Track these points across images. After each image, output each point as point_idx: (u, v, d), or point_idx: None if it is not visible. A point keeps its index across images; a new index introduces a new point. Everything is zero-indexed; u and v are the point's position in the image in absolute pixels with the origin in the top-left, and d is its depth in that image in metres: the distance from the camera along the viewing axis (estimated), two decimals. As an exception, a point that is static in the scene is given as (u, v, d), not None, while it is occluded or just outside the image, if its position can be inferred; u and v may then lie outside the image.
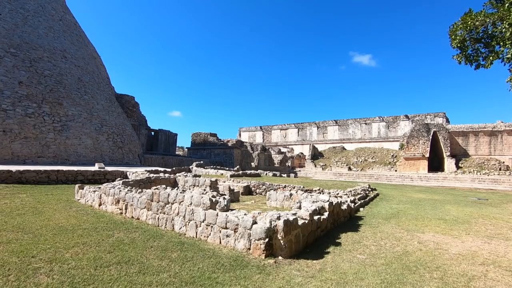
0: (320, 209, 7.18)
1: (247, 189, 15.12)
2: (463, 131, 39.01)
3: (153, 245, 5.46)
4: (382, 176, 38.12)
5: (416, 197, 17.17)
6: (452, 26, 6.44)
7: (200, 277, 4.12)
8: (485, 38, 6.10)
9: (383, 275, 4.59)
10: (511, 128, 36.55)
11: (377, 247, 6.16)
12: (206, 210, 6.11)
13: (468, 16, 6.12)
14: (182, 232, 6.45)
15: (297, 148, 61.44)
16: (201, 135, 46.60)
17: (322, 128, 61.71)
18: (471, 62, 6.26)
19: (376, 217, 9.74)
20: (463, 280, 4.54)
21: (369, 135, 55.95)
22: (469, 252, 6.09)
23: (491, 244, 6.82)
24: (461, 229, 8.34)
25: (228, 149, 42.90)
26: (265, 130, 69.50)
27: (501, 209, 13.37)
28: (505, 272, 4.96)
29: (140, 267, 4.37)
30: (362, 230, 7.71)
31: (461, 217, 10.40)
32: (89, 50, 29.57)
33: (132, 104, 35.21)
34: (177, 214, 6.67)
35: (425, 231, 7.91)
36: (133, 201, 7.83)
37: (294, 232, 5.48)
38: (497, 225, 9.21)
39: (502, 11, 5.52)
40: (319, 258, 5.29)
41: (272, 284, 4.05)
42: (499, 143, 37.06)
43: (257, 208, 9.97)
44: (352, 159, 46.71)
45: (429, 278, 4.54)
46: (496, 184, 30.15)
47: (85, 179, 15.16)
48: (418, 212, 11.19)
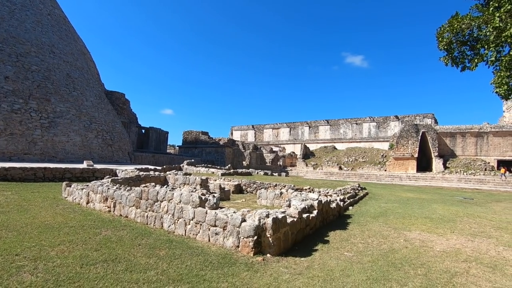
0: (309, 207, 7.25)
1: (238, 187, 15.12)
2: (450, 132, 39.83)
3: (141, 243, 5.43)
4: (372, 175, 38.64)
5: (404, 196, 17.47)
6: (439, 29, 6.57)
7: (188, 275, 4.11)
8: (471, 41, 6.25)
9: (369, 272, 4.67)
10: (496, 130, 37.50)
11: (365, 245, 6.26)
12: (195, 208, 6.10)
13: (454, 19, 6.25)
14: (171, 230, 6.42)
15: (288, 147, 61.68)
16: (193, 134, 46.32)
17: (313, 127, 62.09)
18: (457, 64, 6.40)
19: (365, 215, 9.88)
20: (446, 276, 4.65)
21: (360, 135, 56.58)
22: (453, 249, 6.25)
23: (474, 242, 7.01)
24: (446, 227, 8.53)
25: (219, 147, 42.77)
26: (257, 129, 69.51)
27: (486, 208, 13.73)
28: (486, 269, 5.10)
29: (127, 265, 4.34)
30: (350, 228, 7.81)
31: (447, 215, 10.64)
32: (78, 45, 29.02)
33: (123, 101, 34.74)
34: (166, 212, 6.63)
35: (411, 229, 8.06)
36: (121, 199, 7.74)
37: (282, 230, 5.52)
38: (481, 223, 9.45)
39: (486, 15, 5.66)
40: (307, 255, 5.34)
41: (259, 281, 4.08)
42: (485, 144, 37.98)
43: (248, 207, 9.99)
44: (343, 159, 47.17)
45: (414, 275, 4.65)
46: (481, 184, 30.92)
47: (73, 177, 14.90)
48: (406, 211, 11.40)
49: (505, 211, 12.98)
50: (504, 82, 5.38)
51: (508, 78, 5.33)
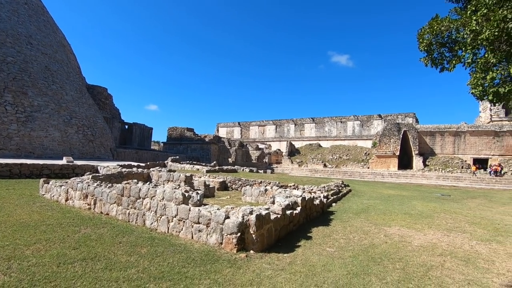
0: (293, 204, 7.32)
1: (223, 184, 15.07)
2: (430, 131, 41.16)
3: (122, 240, 5.32)
4: (356, 173, 39.44)
5: (385, 193, 17.95)
6: (420, 30, 6.74)
7: (170, 272, 4.07)
8: (449, 42, 6.44)
9: (349, 266, 4.78)
10: (473, 129, 39.06)
11: (346, 240, 6.40)
12: (178, 205, 6.03)
13: (434, 21, 6.43)
14: (153, 227, 6.32)
15: (274, 145, 61.96)
16: (178, 130, 45.69)
17: (299, 125, 62.61)
18: (437, 65, 6.58)
19: (347, 212, 10.08)
20: (422, 270, 4.83)
21: (344, 133, 57.55)
22: (429, 244, 6.48)
23: (449, 236, 7.30)
24: (424, 223, 8.84)
25: (205, 144, 42.42)
26: (243, 126, 69.38)
27: (461, 204, 14.32)
28: (460, 262, 5.33)
29: (107, 263, 4.24)
30: (333, 224, 7.96)
31: (425, 212, 11.02)
32: (57, 37, 27.93)
33: (105, 96, 33.78)
34: (149, 209, 6.52)
35: (391, 225, 8.30)
36: (102, 196, 7.55)
37: (266, 227, 5.55)
38: (457, 219, 9.85)
39: (464, 18, 5.85)
40: (290, 251, 5.40)
41: (242, 277, 4.09)
42: (462, 143, 39.50)
43: (232, 203, 9.97)
44: (328, 156, 47.87)
45: (392, 269, 4.79)
46: (458, 181, 32.19)
47: (51, 174, 14.40)
48: (387, 207, 11.72)
49: (479, 207, 13.58)
50: (479, 84, 5.58)
51: (483, 79, 5.54)
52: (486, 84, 5.57)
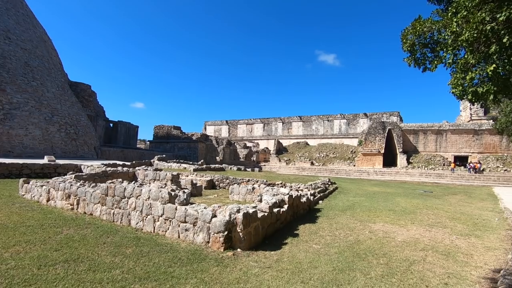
0: (280, 202, 7.36)
1: (210, 183, 15.00)
2: (414, 130, 42.25)
3: (106, 241, 5.21)
4: (342, 170, 40.04)
5: (371, 190, 18.31)
6: (404, 31, 6.89)
7: (155, 272, 4.02)
8: (432, 43, 6.62)
9: (335, 263, 4.85)
10: (454, 128, 40.36)
11: (332, 237, 6.49)
12: (164, 204, 5.96)
13: (417, 22, 6.59)
14: (138, 227, 6.23)
15: (262, 143, 62.07)
16: (164, 128, 45.06)
17: (287, 123, 62.93)
18: (419, 65, 6.75)
19: (334, 209, 10.23)
20: (405, 264, 4.96)
21: (331, 132, 58.27)
22: (412, 239, 6.67)
23: (431, 232, 7.53)
24: (407, 219, 9.08)
25: (192, 143, 42.03)
26: (231, 124, 69.14)
27: (443, 200, 14.78)
28: (440, 256, 5.51)
29: (90, 264, 4.15)
30: (319, 221, 8.06)
31: (408, 208, 11.31)
32: (38, 32, 26.95)
33: (89, 93, 32.91)
34: (134, 208, 6.41)
35: (376, 221, 8.49)
36: (85, 195, 7.37)
37: (253, 225, 5.57)
38: (438, 214, 10.17)
39: (446, 20, 6.02)
40: (277, 249, 5.44)
41: (229, 275, 4.09)
42: (444, 141, 40.77)
43: (220, 202, 9.94)
44: (315, 154, 48.38)
45: (376, 264, 4.90)
46: (440, 178, 33.22)
47: (32, 173, 13.93)
48: (372, 204, 11.96)
49: (460, 203, 14.07)
50: (459, 83, 5.76)
51: (462, 79, 5.71)
52: (465, 84, 5.75)
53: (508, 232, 7.78)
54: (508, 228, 8.25)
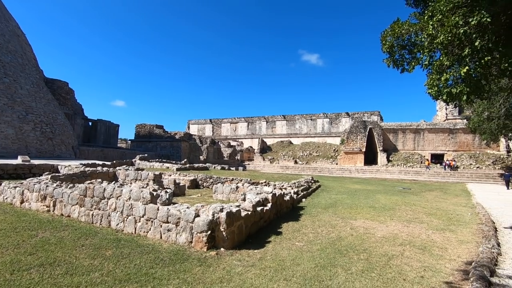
0: (264, 200, 7.40)
1: (194, 182, 14.84)
2: (393, 128, 43.55)
3: (84, 243, 5.05)
4: (325, 169, 40.71)
5: (352, 188, 18.73)
6: (383, 32, 7.09)
7: (136, 274, 3.94)
8: (409, 45, 6.86)
9: (317, 259, 4.94)
10: (431, 127, 41.96)
11: (315, 234, 6.60)
12: (146, 205, 5.85)
13: (396, 24, 6.80)
14: (119, 228, 6.08)
15: (246, 142, 62.06)
16: (146, 127, 44.11)
17: (271, 122, 63.22)
18: (398, 66, 6.98)
19: (316, 206, 10.39)
20: (384, 259, 5.12)
21: (314, 130, 59.07)
22: (391, 235, 6.89)
23: (409, 227, 7.80)
24: (387, 215, 9.36)
25: (175, 142, 41.39)
26: (214, 123, 68.66)
27: (420, 197, 15.34)
28: (417, 251, 5.73)
29: (68, 267, 4.01)
30: (302, 219, 8.17)
31: (388, 204, 11.67)
32: (10, 26, 25.63)
33: (66, 91, 31.69)
34: (114, 209, 6.25)
35: (357, 218, 8.70)
36: (63, 197, 7.11)
37: (237, 224, 5.57)
38: (416, 210, 10.55)
39: (422, 23, 6.25)
40: (260, 247, 5.47)
41: (212, 275, 4.07)
42: (421, 139, 42.29)
43: (203, 202, 9.86)
44: (298, 153, 48.90)
45: (357, 260, 5.03)
46: (418, 175, 34.45)
47: (4, 174, 13.26)
48: (353, 201, 12.24)
49: (436, 199, 14.66)
50: (435, 84, 6.00)
51: (438, 80, 5.95)
52: (440, 85, 5.99)
53: (480, 226, 8.19)
54: (480, 223, 8.68)
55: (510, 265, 5.14)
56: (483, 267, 4.52)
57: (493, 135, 25.01)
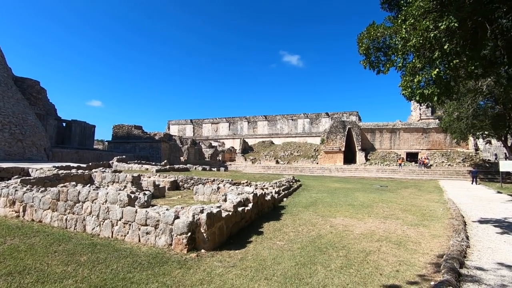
0: (245, 200, 7.40)
1: (174, 184, 14.59)
2: (371, 128, 44.92)
3: (57, 249, 4.84)
4: (306, 168, 41.30)
5: (332, 186, 19.12)
6: (360, 35, 7.30)
7: (113, 279, 3.82)
8: (384, 47, 7.10)
9: (298, 258, 5.00)
10: (405, 127, 43.65)
11: (295, 233, 6.68)
12: (123, 207, 5.68)
13: (371, 27, 7.02)
14: (95, 233, 5.87)
15: (228, 142, 61.76)
16: (124, 128, 42.84)
17: (252, 123, 63.32)
18: (373, 68, 7.22)
19: (297, 205, 10.52)
20: (362, 255, 5.27)
21: (295, 131, 59.78)
22: (369, 231, 7.09)
23: (386, 223, 8.07)
24: (365, 212, 9.63)
25: (155, 142, 40.48)
26: (195, 123, 67.84)
27: (396, 194, 15.91)
28: (393, 246, 5.94)
29: (39, 275, 3.82)
30: (283, 218, 8.24)
31: (366, 202, 12.01)
32: (-26, 20, 24.08)
33: (37, 90, 30.19)
34: (90, 213, 6.03)
35: (336, 216, 8.89)
36: (34, 201, 6.77)
37: (217, 225, 5.53)
38: (392, 207, 10.93)
39: (396, 26, 6.49)
40: (241, 247, 5.46)
41: (192, 277, 4.02)
42: (397, 139, 43.91)
43: (183, 203, 9.71)
44: (280, 153, 49.29)
45: (336, 257, 5.14)
46: (394, 173, 35.72)
47: (-32, 178, 12.42)
48: (333, 199, 12.50)
49: (411, 196, 15.26)
50: (408, 86, 6.25)
51: (411, 82, 6.21)
52: (413, 86, 6.25)
53: (450, 220, 8.61)
54: (450, 217, 9.12)
55: (477, 256, 5.45)
56: (453, 260, 4.75)
57: (462, 134, 26.36)
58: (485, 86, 17.34)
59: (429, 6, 5.62)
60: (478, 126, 24.37)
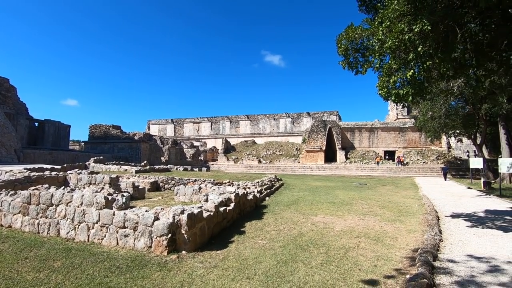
0: (227, 200, 7.36)
1: (154, 185, 14.30)
2: (351, 127, 46.03)
3: (28, 255, 4.60)
4: (288, 167, 41.69)
5: (313, 185, 19.41)
6: (338, 36, 7.46)
7: (89, 284, 3.69)
8: (362, 49, 7.30)
9: (279, 256, 5.04)
10: (383, 126, 45.10)
11: (277, 232, 6.72)
12: (100, 210, 5.50)
13: (350, 28, 7.19)
14: (70, 237, 5.64)
15: (210, 142, 61.24)
16: (102, 128, 41.44)
17: (234, 122, 63.12)
18: (352, 68, 7.40)
19: (279, 204, 10.60)
20: (342, 251, 5.38)
21: (277, 130, 60.20)
22: (348, 228, 7.26)
23: (364, 220, 8.29)
24: (345, 209, 9.85)
25: (134, 143, 39.44)
26: (176, 123, 66.73)
27: (375, 191, 16.39)
28: (372, 241, 6.11)
29: (8, 284, 3.62)
30: (265, 217, 8.27)
31: (346, 200, 12.28)
32: None
33: (6, 88, 28.59)
34: (64, 217, 5.79)
35: (317, 213, 9.03)
36: (2, 205, 6.41)
37: (199, 225, 5.47)
38: (371, 204, 11.25)
39: (373, 28, 6.68)
40: (223, 248, 5.43)
41: (172, 279, 3.95)
42: (376, 137, 45.28)
43: (164, 204, 9.53)
44: (262, 152, 49.47)
45: (317, 254, 5.22)
46: (373, 171, 36.80)
47: None
48: (314, 198, 12.69)
49: (388, 193, 15.77)
50: (384, 86, 6.46)
51: (387, 82, 6.41)
52: (390, 87, 6.46)
53: (425, 216, 8.98)
54: (425, 213, 9.51)
55: (449, 249, 5.71)
56: (427, 253, 4.96)
57: (436, 133, 27.55)
58: (456, 87, 18.21)
59: (404, 10, 5.83)
60: (450, 125, 25.55)
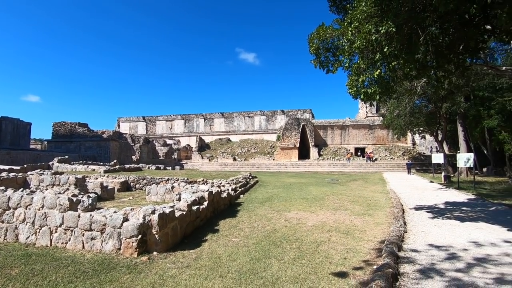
0: (200, 199, 7.27)
1: (125, 185, 13.78)
2: (323, 125, 47.27)
3: (-18, 264, 4.25)
4: (263, 164, 41.98)
5: (288, 181, 19.71)
6: (310, 35, 7.59)
7: (51, 291, 3.48)
8: (333, 48, 7.49)
9: (253, 253, 5.06)
10: (354, 123, 46.82)
11: (251, 229, 6.75)
12: (64, 212, 5.20)
13: (321, 28, 7.35)
14: (30, 242, 5.28)
15: (184, 140, 60.04)
16: (67, 125, 39.09)
17: (209, 120, 62.38)
18: (323, 67, 7.57)
19: (253, 202, 10.65)
20: (314, 246, 5.52)
21: (252, 128, 60.32)
22: (320, 223, 7.46)
23: (336, 214, 8.56)
24: (317, 205, 10.10)
25: (103, 141, 37.66)
26: (148, 121, 64.68)
27: (346, 186, 16.98)
28: (342, 235, 6.32)
29: (-43, 295, 3.32)
30: (239, 215, 8.27)
31: (318, 195, 12.60)
32: None
33: (-45, 82, 26.07)
34: (23, 221, 5.41)
35: (291, 210, 9.19)
36: (-50, 211, 5.85)
37: (170, 225, 5.35)
38: (342, 199, 11.64)
39: (343, 28, 6.88)
40: (196, 247, 5.36)
41: (142, 281, 3.84)
42: (347, 135, 46.90)
43: (135, 204, 9.22)
44: (237, 150, 49.37)
45: (289, 249, 5.31)
46: (344, 168, 38.08)
47: None
48: (288, 194, 12.89)
49: (359, 188, 16.40)
50: (354, 85, 6.69)
51: (356, 81, 6.65)
52: (358, 86, 6.70)
53: (392, 209, 9.45)
54: (392, 206, 10.01)
55: (413, 240, 6.06)
56: (393, 244, 5.22)
57: (402, 130, 29.06)
58: (419, 87, 19.31)
59: (372, 11, 6.05)
60: (415, 122, 27.08)
